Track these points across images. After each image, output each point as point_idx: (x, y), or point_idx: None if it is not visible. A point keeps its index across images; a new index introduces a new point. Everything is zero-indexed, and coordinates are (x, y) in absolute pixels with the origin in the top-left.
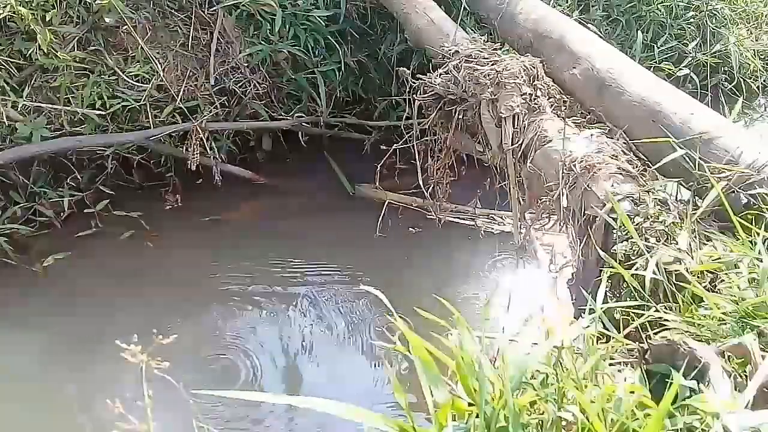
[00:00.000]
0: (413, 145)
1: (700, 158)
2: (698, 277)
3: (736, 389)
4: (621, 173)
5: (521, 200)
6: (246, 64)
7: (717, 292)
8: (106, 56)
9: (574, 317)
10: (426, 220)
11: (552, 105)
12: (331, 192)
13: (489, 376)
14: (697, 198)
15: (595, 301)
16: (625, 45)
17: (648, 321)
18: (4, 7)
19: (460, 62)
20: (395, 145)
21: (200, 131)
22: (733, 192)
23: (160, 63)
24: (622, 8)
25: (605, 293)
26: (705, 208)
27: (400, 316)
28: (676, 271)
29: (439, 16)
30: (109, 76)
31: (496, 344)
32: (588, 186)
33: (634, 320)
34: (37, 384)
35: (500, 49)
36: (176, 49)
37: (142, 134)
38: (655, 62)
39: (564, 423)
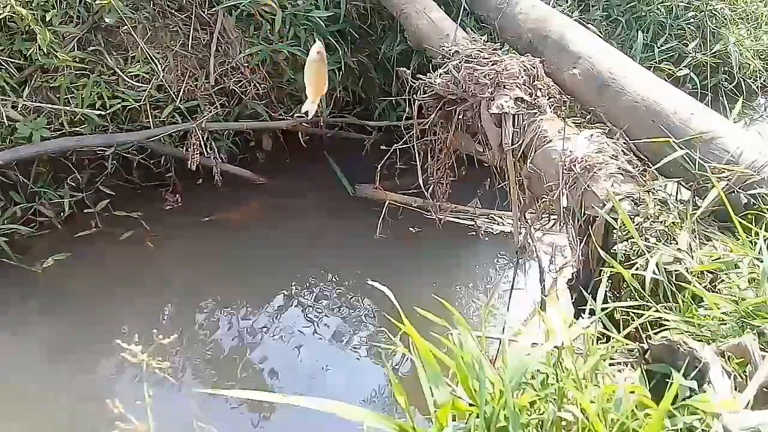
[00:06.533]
0: (413, 145)
1: (700, 158)
2: (698, 277)
3: (736, 389)
4: (621, 173)
5: (521, 200)
6: (246, 64)
7: (717, 292)
8: (106, 56)
9: (574, 317)
10: (426, 220)
11: (552, 105)
12: (331, 192)
13: (489, 376)
14: (697, 198)
15: (595, 301)
16: (625, 45)
17: (648, 321)
18: (4, 7)
19: (460, 62)
20: (395, 145)
21: (200, 131)
22: (733, 192)
23: (160, 63)
24: (622, 8)
25: (605, 293)
26: (705, 208)
27: (405, 316)
28: (676, 271)
29: (439, 16)
30: (109, 76)
31: (496, 344)
32: (588, 186)
33: (634, 320)
34: (37, 384)
35: (500, 49)
36: (176, 49)
37: (142, 134)
38: (655, 62)
39: (564, 423)
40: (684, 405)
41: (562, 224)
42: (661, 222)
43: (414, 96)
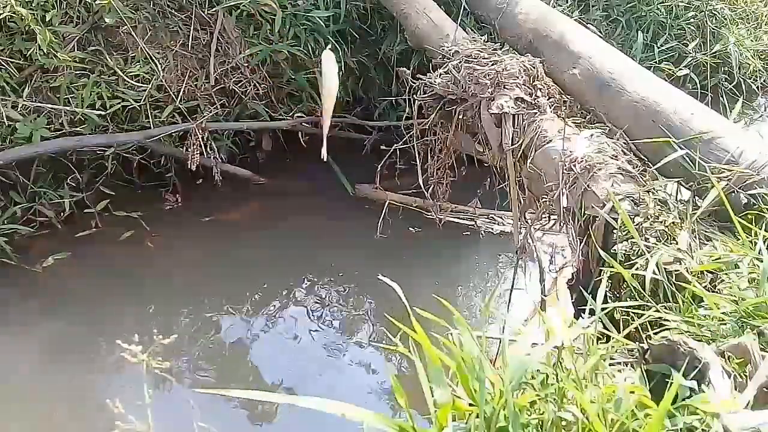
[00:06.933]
0: (413, 146)
1: (700, 158)
2: (698, 277)
3: (736, 389)
4: (621, 173)
5: (521, 200)
6: (246, 64)
7: (717, 292)
8: (106, 56)
9: (574, 317)
10: (426, 220)
11: (552, 105)
12: (331, 192)
13: (489, 376)
14: (697, 198)
15: (595, 301)
16: (625, 45)
17: (648, 321)
18: (4, 7)
19: (460, 62)
20: (395, 145)
21: (200, 131)
22: (733, 192)
23: (160, 63)
24: (622, 8)
25: (605, 293)
26: (705, 208)
27: (409, 315)
28: (676, 271)
29: (439, 16)
30: (109, 76)
31: (497, 344)
32: (588, 186)
33: (634, 320)
34: (37, 384)
35: (500, 49)
36: (176, 49)
37: (142, 134)
38: (655, 62)
39: (564, 423)
40: (684, 405)
41: (562, 224)
42: (661, 222)
43: (414, 96)
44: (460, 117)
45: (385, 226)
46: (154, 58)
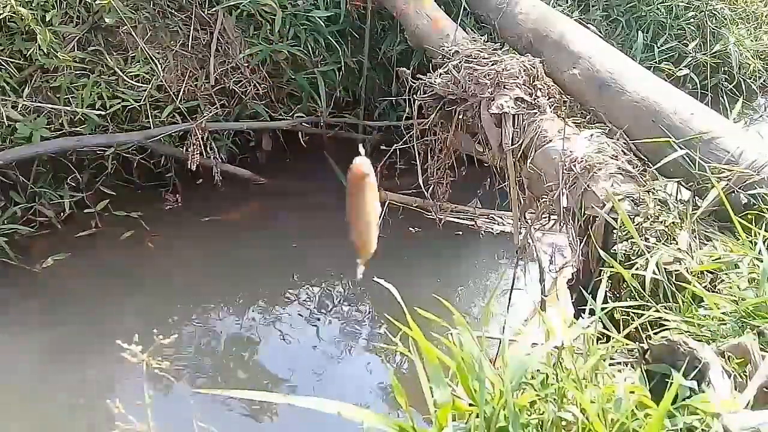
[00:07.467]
0: (413, 146)
1: (700, 158)
2: (698, 277)
3: (736, 389)
4: (621, 173)
5: (521, 200)
6: (246, 64)
7: (717, 292)
8: (106, 56)
9: (574, 317)
10: (426, 220)
11: (552, 105)
12: (331, 192)
13: (489, 376)
14: (697, 198)
15: (595, 301)
16: (625, 45)
17: (648, 321)
18: (4, 7)
19: (460, 62)
20: (395, 145)
21: (200, 131)
22: (733, 192)
23: (160, 63)
24: (622, 8)
25: (605, 293)
26: (705, 208)
27: (407, 316)
28: (676, 271)
29: (439, 16)
30: (109, 76)
31: (497, 344)
32: (588, 186)
33: (634, 320)
34: (37, 384)
35: (500, 49)
36: (176, 49)
37: (142, 134)
38: (655, 62)
39: (564, 423)
40: (684, 405)
41: (562, 224)
42: (661, 222)
43: (414, 96)
44: (460, 117)
45: (385, 226)
46: (154, 58)
